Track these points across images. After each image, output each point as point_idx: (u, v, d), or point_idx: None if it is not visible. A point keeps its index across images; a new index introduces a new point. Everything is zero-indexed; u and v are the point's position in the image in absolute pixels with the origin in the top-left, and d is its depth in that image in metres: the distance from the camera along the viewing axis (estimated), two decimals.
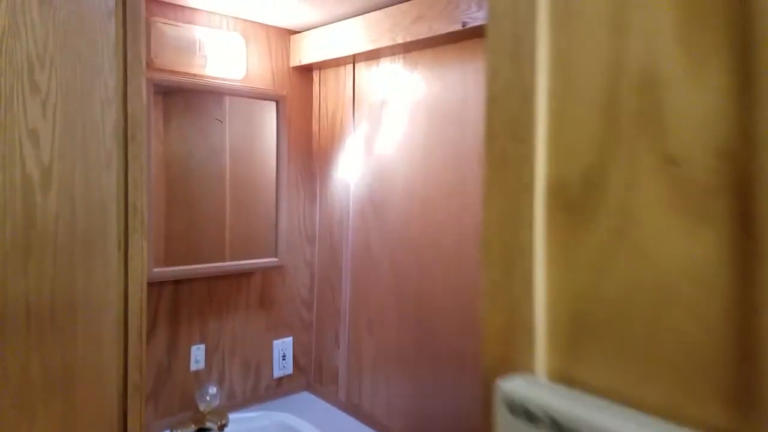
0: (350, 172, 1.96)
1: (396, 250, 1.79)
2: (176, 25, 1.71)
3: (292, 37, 2.00)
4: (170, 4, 1.70)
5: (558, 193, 0.35)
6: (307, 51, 1.94)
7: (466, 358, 1.57)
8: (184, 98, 1.73)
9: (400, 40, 1.61)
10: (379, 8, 1.68)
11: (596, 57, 0.33)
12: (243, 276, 1.93)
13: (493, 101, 0.37)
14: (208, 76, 1.79)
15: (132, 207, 1.04)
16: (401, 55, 1.75)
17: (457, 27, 1.45)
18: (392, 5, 1.64)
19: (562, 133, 0.35)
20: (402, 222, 1.77)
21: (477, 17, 1.40)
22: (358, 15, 1.75)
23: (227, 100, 1.82)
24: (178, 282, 1.77)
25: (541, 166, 0.35)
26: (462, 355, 1.58)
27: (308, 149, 2.10)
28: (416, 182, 1.71)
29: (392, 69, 1.78)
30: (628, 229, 0.32)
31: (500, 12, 0.36)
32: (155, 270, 1.67)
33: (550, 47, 0.34)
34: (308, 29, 1.95)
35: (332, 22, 1.85)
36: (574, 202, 0.35)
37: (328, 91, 2.04)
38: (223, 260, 1.84)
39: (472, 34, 1.49)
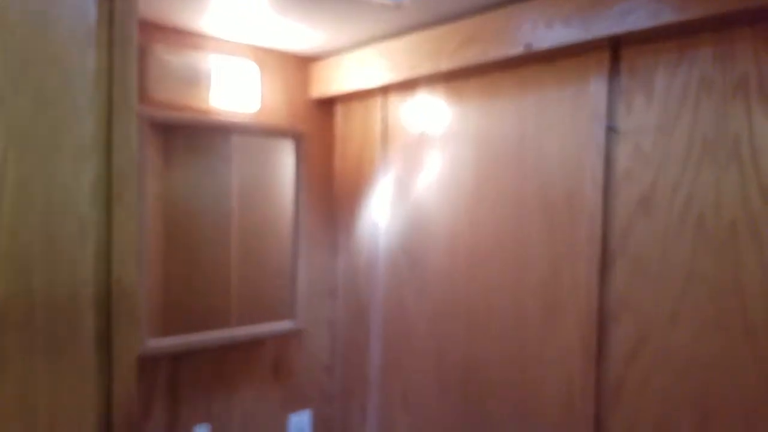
0: (379, 218, 1.69)
1: (437, 309, 1.51)
2: (179, 53, 1.47)
3: (312, 65, 1.75)
4: (172, 28, 1.46)
5: None
6: (330, 81, 1.70)
7: None
8: (187, 134, 1.48)
9: (443, 68, 1.36)
10: (415, 30, 1.44)
11: None
12: (254, 343, 1.65)
13: None
14: (215, 111, 1.54)
15: (117, 289, 0.77)
16: (442, 84, 1.50)
17: (518, 50, 1.20)
18: (433, 26, 1.40)
19: None
20: (444, 277, 1.49)
21: (546, 38, 1.15)
22: (390, 38, 1.51)
23: (235, 136, 1.57)
24: (177, 355, 1.49)
25: None
26: None
27: (328, 192, 1.83)
28: (461, 230, 1.44)
29: (431, 100, 1.53)
30: None
31: None
32: (151, 342, 1.39)
33: None
34: (331, 56, 1.70)
35: (359, 47, 1.60)
36: None
37: (354, 125, 1.78)
38: (231, 325, 1.55)
39: (537, 59, 1.24)
